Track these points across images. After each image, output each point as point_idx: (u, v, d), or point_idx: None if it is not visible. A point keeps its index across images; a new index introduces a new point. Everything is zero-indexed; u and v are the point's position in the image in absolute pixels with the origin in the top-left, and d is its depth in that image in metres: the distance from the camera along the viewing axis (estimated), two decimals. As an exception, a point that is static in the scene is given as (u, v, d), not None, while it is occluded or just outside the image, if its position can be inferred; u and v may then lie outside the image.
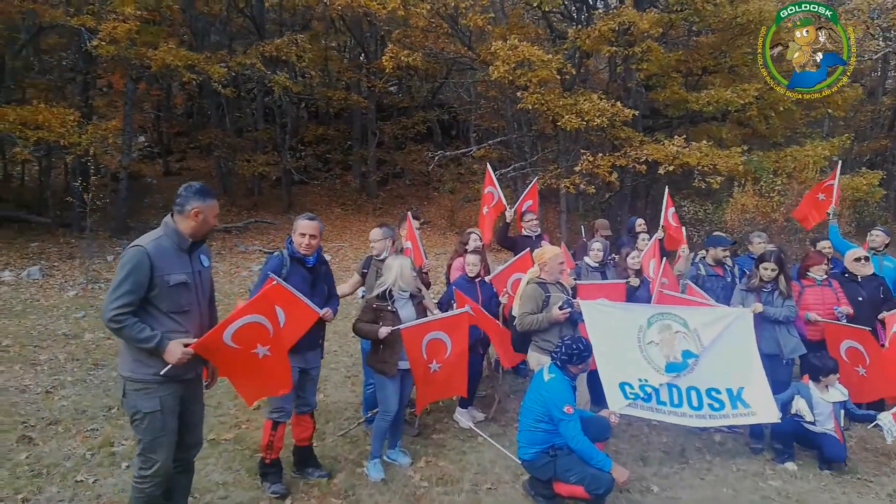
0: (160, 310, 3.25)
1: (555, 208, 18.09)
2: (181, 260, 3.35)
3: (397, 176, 22.43)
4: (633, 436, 5.75)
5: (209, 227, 3.45)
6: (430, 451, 5.26)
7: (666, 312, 5.22)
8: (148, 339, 3.15)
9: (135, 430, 3.35)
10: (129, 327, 3.13)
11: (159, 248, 3.26)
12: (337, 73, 21.81)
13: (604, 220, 8.45)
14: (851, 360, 5.72)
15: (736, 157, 13.65)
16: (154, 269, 3.19)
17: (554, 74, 13.54)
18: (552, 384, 4.32)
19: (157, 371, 3.21)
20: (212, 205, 3.43)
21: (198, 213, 3.36)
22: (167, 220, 3.38)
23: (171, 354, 3.18)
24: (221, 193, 19.53)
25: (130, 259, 3.18)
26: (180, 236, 3.35)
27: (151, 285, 3.19)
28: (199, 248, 3.49)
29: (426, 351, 4.76)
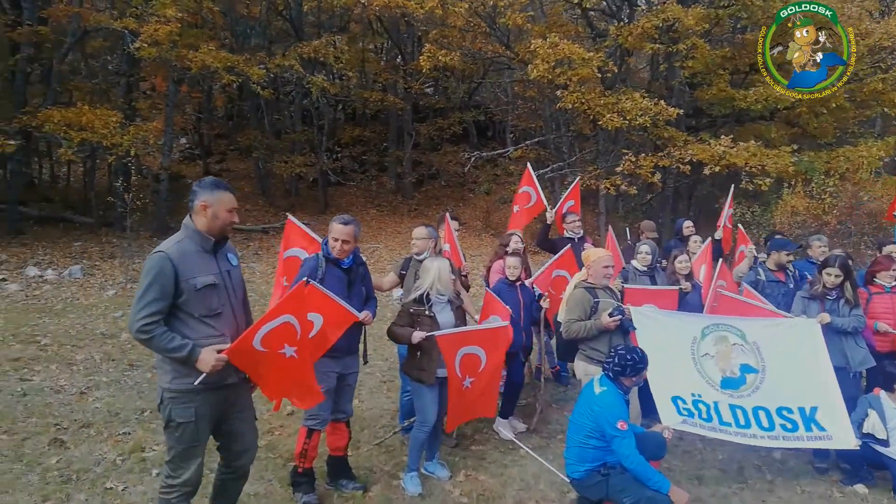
0: (191, 315, 3.12)
1: (593, 210, 17.67)
2: (206, 261, 3.21)
3: (433, 177, 22.25)
4: (686, 452, 5.40)
5: (223, 222, 3.28)
6: (469, 463, 5.02)
7: (722, 323, 4.88)
8: (178, 348, 3.02)
9: (167, 436, 3.24)
10: (157, 337, 3.00)
11: (182, 251, 3.14)
12: (374, 74, 21.78)
13: (649, 221, 8.08)
14: None
15: (786, 157, 13.10)
16: (179, 274, 3.06)
17: (595, 73, 13.20)
18: (604, 398, 4.03)
19: (195, 380, 3.08)
20: (220, 197, 3.26)
21: (205, 206, 3.21)
22: (186, 222, 3.26)
23: (203, 363, 3.04)
24: (260, 194, 19.68)
25: (153, 266, 3.06)
26: (201, 236, 3.22)
27: (178, 291, 3.07)
28: (224, 248, 3.35)
29: (460, 366, 4.49)
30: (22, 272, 11.74)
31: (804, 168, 13.71)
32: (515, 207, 7.95)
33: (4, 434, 5.10)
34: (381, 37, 22.60)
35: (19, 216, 15.19)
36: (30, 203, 16.48)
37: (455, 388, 4.50)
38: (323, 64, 18.38)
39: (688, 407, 4.64)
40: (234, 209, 3.33)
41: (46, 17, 14.86)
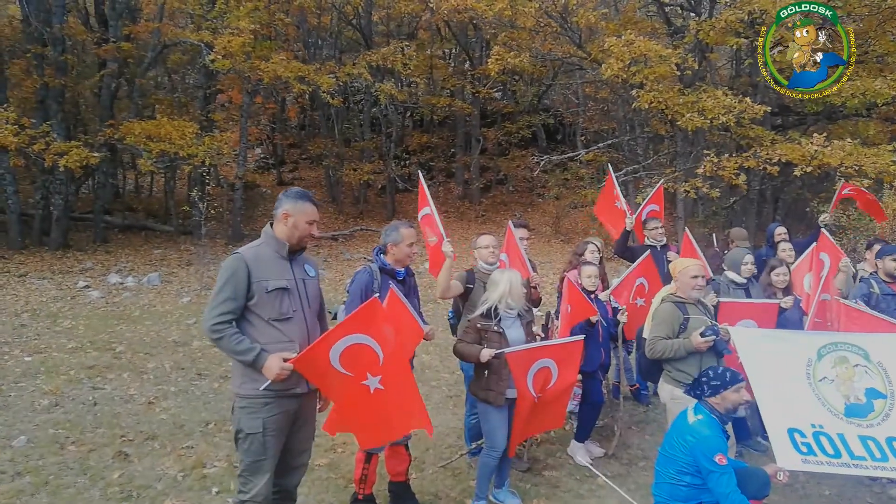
0: (261, 318, 3.11)
1: (671, 215, 16.83)
2: (280, 266, 3.22)
3: (500, 182, 21.91)
4: (787, 485, 4.78)
5: (302, 232, 3.26)
6: (542, 491, 4.63)
7: (840, 341, 4.26)
8: (246, 351, 3.01)
9: (237, 448, 3.19)
10: (227, 338, 3.01)
11: (258, 255, 3.17)
12: (441, 80, 21.69)
13: (740, 229, 7.44)
14: None
15: (886, 156, 11.96)
16: (252, 276, 3.09)
17: (673, 70, 12.54)
18: (699, 428, 3.56)
19: (265, 385, 3.04)
20: (303, 208, 3.25)
21: (287, 215, 3.23)
22: (266, 228, 3.31)
23: (269, 370, 3.00)
24: (329, 202, 19.91)
25: (228, 267, 3.11)
26: (278, 242, 3.24)
27: (250, 293, 3.09)
28: (300, 258, 3.33)
29: (533, 382, 4.14)
30: (104, 279, 12.20)
31: (905, 168, 12.51)
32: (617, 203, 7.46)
33: (73, 445, 5.12)
34: (450, 42, 22.53)
35: (105, 225, 15.90)
36: (115, 213, 17.27)
37: (525, 406, 4.18)
38: (391, 72, 18.43)
39: (807, 441, 4.01)
40: (314, 221, 3.33)
41: (129, 33, 15.51)
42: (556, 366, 4.23)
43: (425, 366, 7.39)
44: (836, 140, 12.22)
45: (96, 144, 14.04)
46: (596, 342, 5.26)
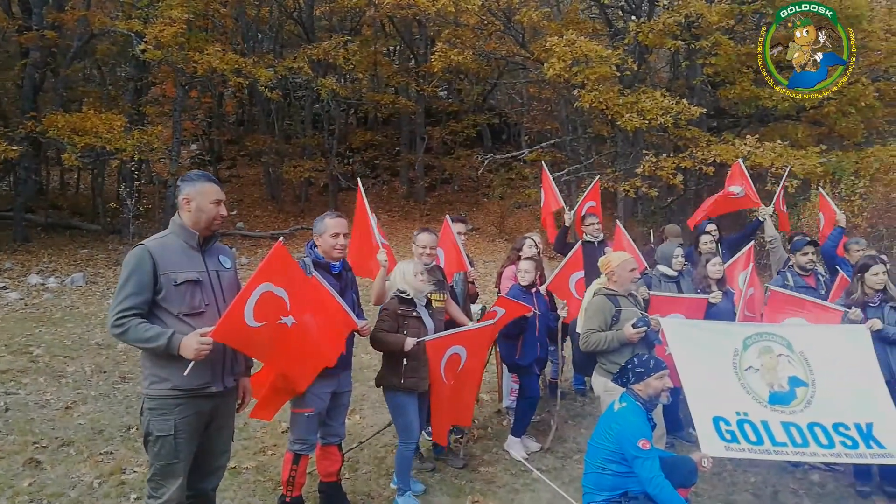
0: (170, 312, 2.93)
1: (611, 214, 17.14)
2: (191, 258, 3.04)
3: (446, 181, 21.86)
4: (715, 474, 4.88)
5: (209, 214, 3.06)
6: (477, 487, 4.56)
7: (765, 332, 4.36)
8: (156, 336, 2.81)
9: (147, 452, 2.99)
10: (133, 328, 2.82)
11: (164, 245, 2.99)
12: (386, 77, 21.48)
13: (674, 225, 7.57)
14: None
15: (813, 157, 12.50)
16: (158, 268, 2.90)
17: (613, 71, 12.73)
18: (624, 415, 3.57)
19: (176, 385, 2.89)
20: (203, 188, 3.05)
21: (188, 200, 3.05)
22: (174, 218, 3.12)
23: (186, 349, 2.80)
24: (269, 200, 19.44)
25: (131, 259, 2.92)
26: (187, 232, 3.06)
27: (157, 286, 2.90)
28: (215, 247, 3.15)
29: (445, 369, 4.17)
30: (24, 280, 11.50)
31: (832, 169, 13.10)
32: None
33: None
34: (394, 39, 22.35)
35: (26, 224, 15.02)
36: (37, 210, 16.34)
37: (441, 394, 4.20)
38: (333, 67, 18.11)
39: (731, 429, 4.10)
40: (219, 201, 3.11)
41: (55, 21, 14.71)
42: (465, 352, 4.26)
43: (364, 365, 7.23)
44: (767, 142, 12.67)
45: (17, 138, 13.24)
46: (532, 337, 5.24)
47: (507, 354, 5.36)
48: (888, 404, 4.19)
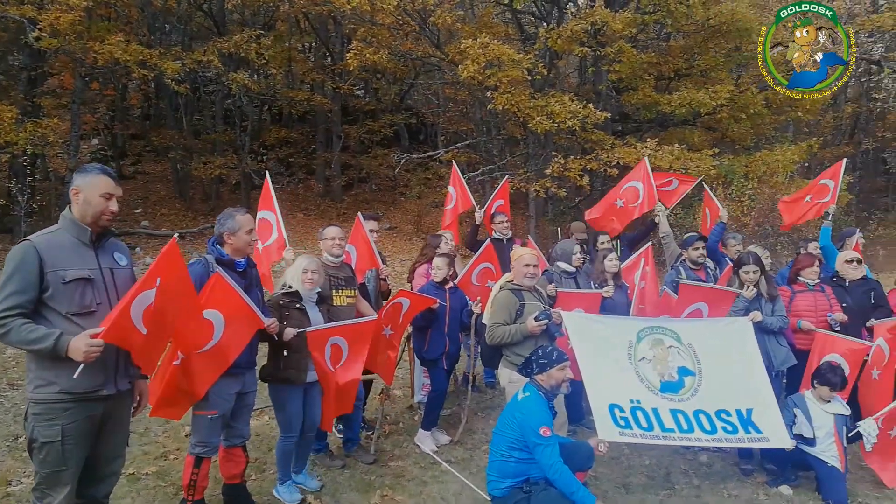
0: (58, 312, 2.79)
1: (524, 213, 17.65)
2: (82, 254, 2.90)
3: (363, 180, 21.75)
4: (613, 458, 5.18)
5: (96, 208, 2.92)
6: (386, 482, 4.62)
7: (657, 326, 4.69)
8: (42, 338, 2.67)
9: (32, 459, 2.84)
10: (16, 329, 2.67)
11: (52, 241, 2.85)
12: (301, 74, 21.08)
13: (580, 223, 7.93)
14: None
15: (707, 160, 13.35)
16: (44, 265, 2.76)
17: (524, 75, 13.11)
18: (526, 404, 3.74)
19: (63, 388, 2.76)
20: (94, 181, 2.92)
21: (76, 192, 2.92)
22: (64, 213, 2.97)
23: (75, 351, 2.67)
24: (177, 197, 18.66)
25: (14, 256, 2.77)
26: (78, 227, 2.91)
27: (43, 284, 2.76)
28: (110, 244, 3.02)
29: (331, 359, 4.24)
30: None
31: (724, 171, 14.06)
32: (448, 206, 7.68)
33: None
34: (309, 36, 21.98)
35: None
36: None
37: (329, 384, 4.28)
38: (246, 61, 17.61)
39: (625, 416, 4.40)
40: (110, 195, 2.96)
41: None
42: (346, 344, 4.33)
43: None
44: (666, 145, 13.41)
45: None
46: (440, 330, 5.36)
47: (417, 347, 5.50)
48: (769, 393, 4.60)
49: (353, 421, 5.08)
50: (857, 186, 22.36)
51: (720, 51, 15.55)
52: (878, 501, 4.62)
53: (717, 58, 15.46)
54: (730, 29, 14.16)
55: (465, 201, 7.52)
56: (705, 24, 14.48)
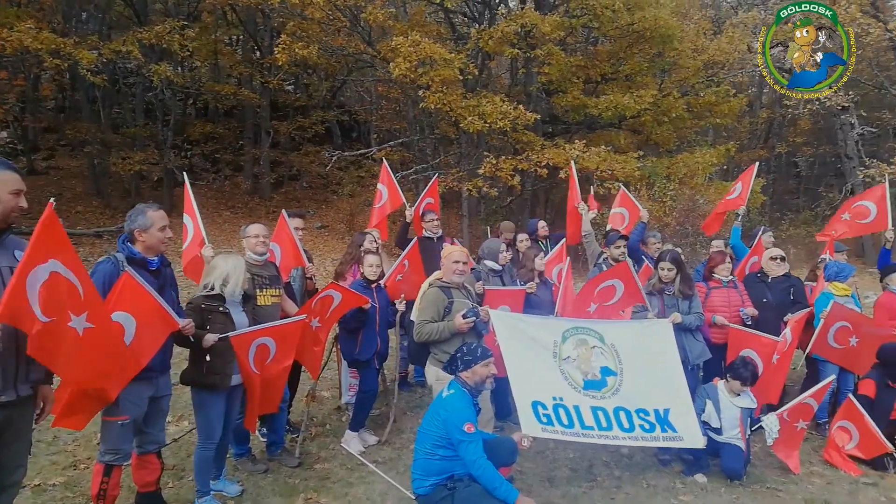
0: None
1: (457, 213, 17.76)
2: None
3: (293, 178, 21.31)
4: (538, 452, 5.27)
5: (6, 205, 2.74)
6: (311, 485, 4.53)
7: (581, 326, 4.80)
8: None
9: None
10: None
11: None
12: (228, 67, 20.43)
13: (509, 222, 8.03)
14: None
15: (632, 162, 13.84)
16: None
17: (456, 74, 13.20)
18: (451, 401, 3.75)
19: None
20: (1, 178, 2.72)
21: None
22: None
23: None
24: (94, 194, 17.74)
25: None
26: None
27: None
28: (9, 241, 2.83)
29: (254, 360, 4.13)
30: None
31: (648, 173, 14.60)
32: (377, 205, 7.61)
33: None
34: (237, 28, 21.33)
35: None
36: None
37: (252, 385, 4.18)
38: (169, 53, 16.92)
39: (548, 413, 4.50)
40: (19, 192, 2.78)
41: None
42: (274, 343, 4.24)
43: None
44: (594, 147, 13.81)
45: None
46: (372, 331, 5.31)
47: (346, 350, 5.38)
48: (686, 393, 4.79)
49: (277, 424, 4.97)
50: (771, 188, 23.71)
51: (644, 56, 16.14)
52: (784, 485, 4.88)
53: (642, 63, 16.04)
54: (653, 35, 14.71)
55: (395, 199, 7.47)
56: (630, 30, 15.00)
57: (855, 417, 5.23)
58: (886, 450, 5.12)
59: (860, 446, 5.25)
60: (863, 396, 5.35)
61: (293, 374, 5.45)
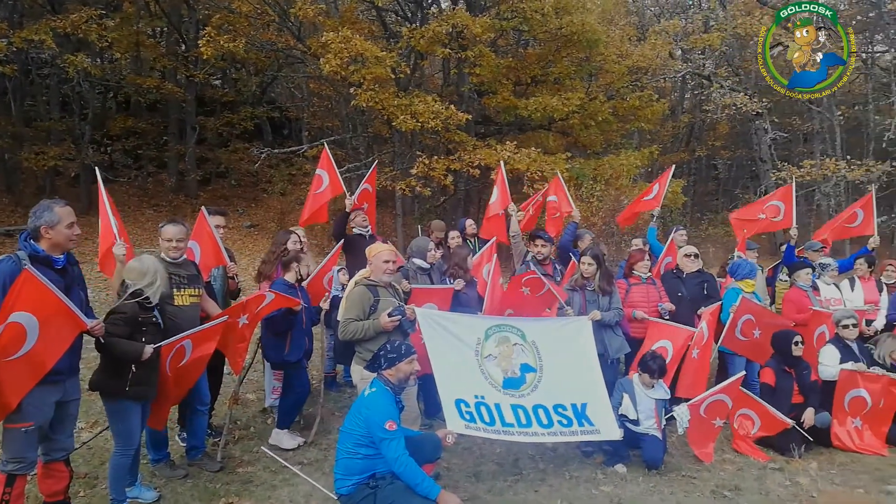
0: None
1: (391, 212, 17.71)
2: None
3: (221, 175, 20.68)
4: (465, 448, 5.34)
5: None
6: (233, 489, 4.43)
7: (504, 324, 4.90)
8: None
9: None
10: None
11: None
12: (151, 60, 19.61)
13: (439, 221, 8.08)
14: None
15: (561, 163, 14.15)
16: None
17: (388, 73, 13.15)
18: (372, 399, 3.75)
19: None
20: None
21: None
22: None
23: None
24: (4, 191, 16.70)
25: None
26: None
27: None
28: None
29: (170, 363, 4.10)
30: None
31: (576, 174, 14.98)
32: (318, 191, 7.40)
33: None
34: (160, 20, 20.50)
35: None
36: None
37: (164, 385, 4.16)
38: (87, 44, 16.08)
39: (470, 411, 4.58)
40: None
41: None
42: (191, 344, 4.21)
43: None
44: (524, 148, 14.06)
45: None
46: (300, 331, 5.24)
47: (274, 353, 5.27)
48: (602, 388, 4.98)
49: (197, 428, 4.81)
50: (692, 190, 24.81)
51: (572, 60, 16.54)
52: (698, 473, 5.12)
53: (570, 66, 16.44)
54: (580, 39, 15.10)
55: (336, 186, 7.30)
56: (559, 33, 15.32)
57: (750, 404, 5.56)
58: (787, 425, 5.47)
59: (763, 427, 5.59)
60: (765, 384, 5.69)
61: (216, 377, 5.32)
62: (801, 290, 6.67)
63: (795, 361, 5.71)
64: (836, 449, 5.71)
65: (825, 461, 5.48)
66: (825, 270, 7.02)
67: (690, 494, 4.73)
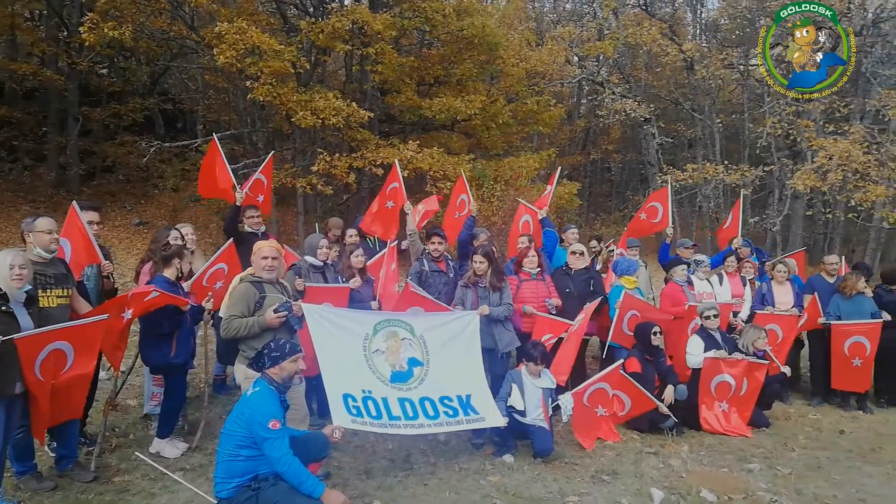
0: None
1: (292, 210, 17.32)
2: None
3: (107, 170, 19.37)
4: (357, 447, 5.34)
5: None
6: (107, 499, 4.20)
7: (393, 319, 4.95)
8: None
9: None
10: None
11: None
12: (29, 45, 18.08)
13: (336, 218, 7.99)
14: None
15: (464, 164, 14.39)
16: None
17: (287, 67, 12.86)
18: (255, 398, 3.67)
19: None
20: None
21: None
22: None
23: None
24: None
25: None
26: None
27: None
28: None
29: (41, 369, 3.84)
30: None
31: (478, 174, 15.28)
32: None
33: None
34: (39, 2, 18.97)
35: None
36: None
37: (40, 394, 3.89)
38: (-52, 23, 14.66)
39: (357, 405, 4.57)
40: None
41: None
42: (72, 350, 4.00)
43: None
44: (427, 148, 14.17)
45: None
46: (186, 332, 5.05)
47: (157, 355, 4.99)
48: (482, 377, 5.15)
49: (68, 436, 4.51)
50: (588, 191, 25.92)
51: (474, 62, 16.83)
52: (580, 459, 5.39)
53: (472, 68, 16.72)
54: (481, 42, 15.39)
55: (225, 178, 7.00)
56: (460, 35, 15.54)
57: (624, 385, 5.92)
58: (654, 405, 5.90)
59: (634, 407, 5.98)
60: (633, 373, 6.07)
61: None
62: (677, 284, 7.16)
63: (654, 350, 6.15)
64: (705, 432, 6.19)
65: (696, 444, 5.94)
66: (699, 266, 7.56)
67: (572, 480, 4.97)
